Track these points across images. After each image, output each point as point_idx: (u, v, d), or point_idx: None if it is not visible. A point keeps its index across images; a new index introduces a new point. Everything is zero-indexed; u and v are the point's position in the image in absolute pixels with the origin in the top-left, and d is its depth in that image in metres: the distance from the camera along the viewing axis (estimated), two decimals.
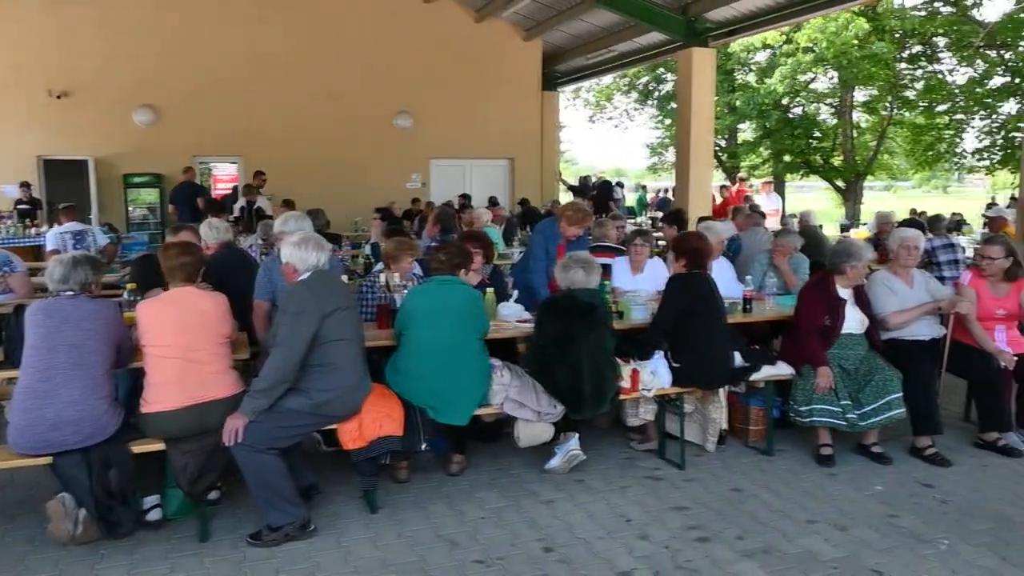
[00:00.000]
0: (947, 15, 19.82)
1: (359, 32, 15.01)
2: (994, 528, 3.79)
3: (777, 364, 4.76)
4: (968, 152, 22.10)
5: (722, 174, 24.69)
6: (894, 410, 4.49)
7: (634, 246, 5.55)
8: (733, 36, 13.04)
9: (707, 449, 4.81)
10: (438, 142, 15.99)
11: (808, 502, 4.12)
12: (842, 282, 4.75)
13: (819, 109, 23.54)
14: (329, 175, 14.51)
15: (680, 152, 13.00)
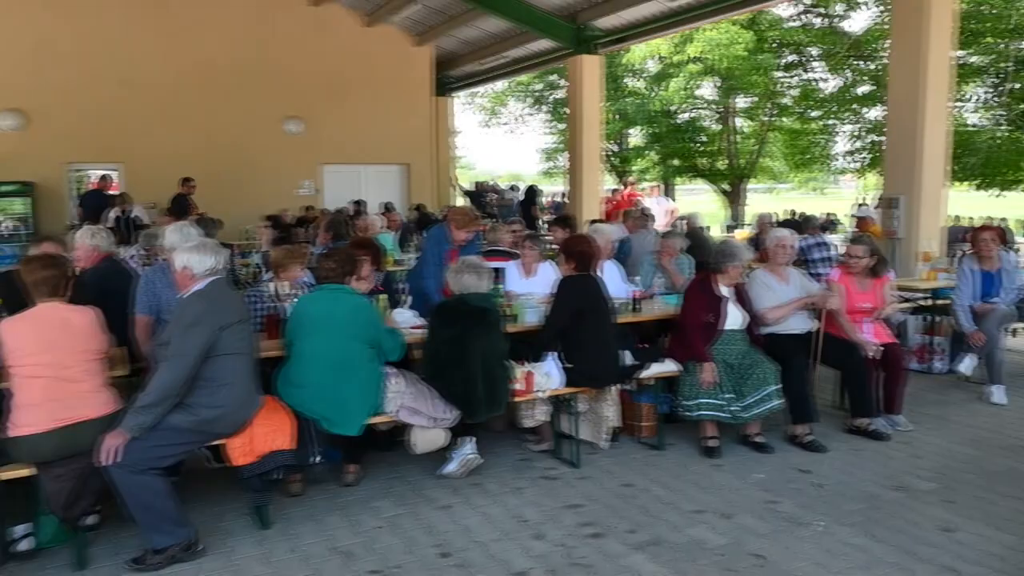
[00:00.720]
0: (818, 27, 21.03)
1: (243, 34, 14.58)
2: (864, 508, 4.04)
3: (665, 361, 4.92)
4: (840, 155, 23.52)
5: (614, 178, 25.34)
6: (773, 401, 4.73)
7: (523, 249, 5.63)
8: (620, 44, 13.43)
9: (601, 447, 4.93)
10: (330, 148, 15.72)
11: (695, 493, 4.28)
12: (723, 281, 4.96)
13: (704, 115, 24.49)
14: (217, 183, 13.98)
15: (572, 157, 13.28)
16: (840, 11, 20.58)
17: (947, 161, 8.17)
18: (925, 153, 7.59)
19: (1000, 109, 18.88)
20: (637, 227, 7.85)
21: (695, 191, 47.86)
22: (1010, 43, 17.37)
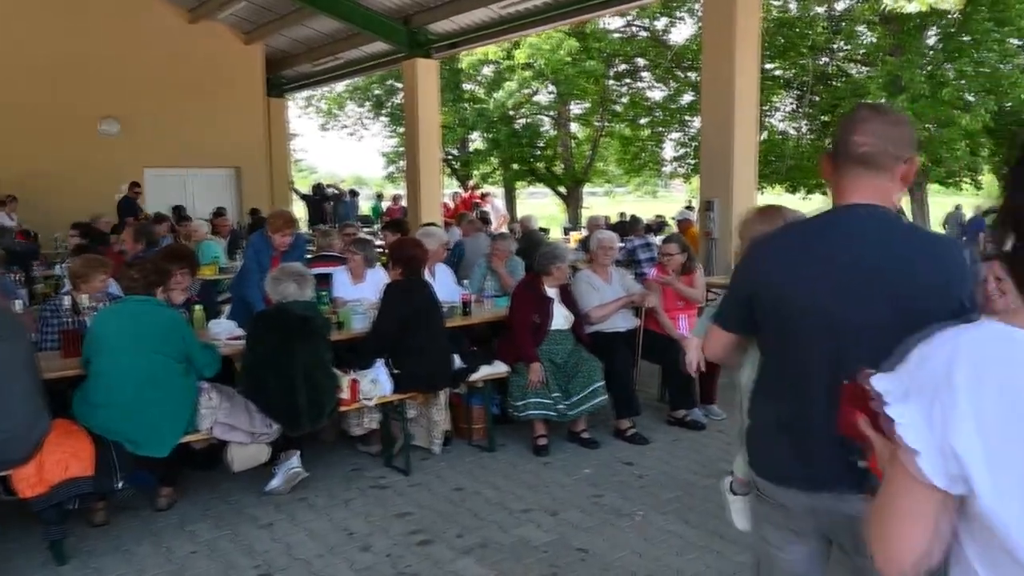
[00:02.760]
0: (643, 39, 22.12)
1: (52, 26, 13.36)
2: (680, 496, 4.25)
3: (494, 363, 4.96)
4: (668, 161, 24.86)
5: (455, 181, 25.46)
6: (598, 397, 4.89)
7: (349, 254, 5.50)
8: (455, 49, 13.47)
9: (433, 452, 4.90)
10: (153, 150, 14.71)
11: (525, 492, 4.34)
12: (549, 282, 5.07)
13: (541, 120, 25.10)
14: (24, 189, 12.74)
15: (410, 160, 13.19)
16: (663, 25, 21.75)
17: (757, 166, 8.80)
18: (736, 159, 8.13)
19: (804, 119, 20.63)
20: (471, 231, 7.90)
21: (537, 195, 48.95)
22: (811, 59, 19.00)
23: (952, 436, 0.98)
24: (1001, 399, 0.95)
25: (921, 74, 15.89)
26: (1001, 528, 0.95)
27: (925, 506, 1.03)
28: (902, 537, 1.06)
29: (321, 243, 6.67)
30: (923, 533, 1.04)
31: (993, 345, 0.99)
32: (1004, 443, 0.94)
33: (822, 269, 1.67)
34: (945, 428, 0.98)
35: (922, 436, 1.01)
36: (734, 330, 1.95)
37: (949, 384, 0.99)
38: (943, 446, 0.99)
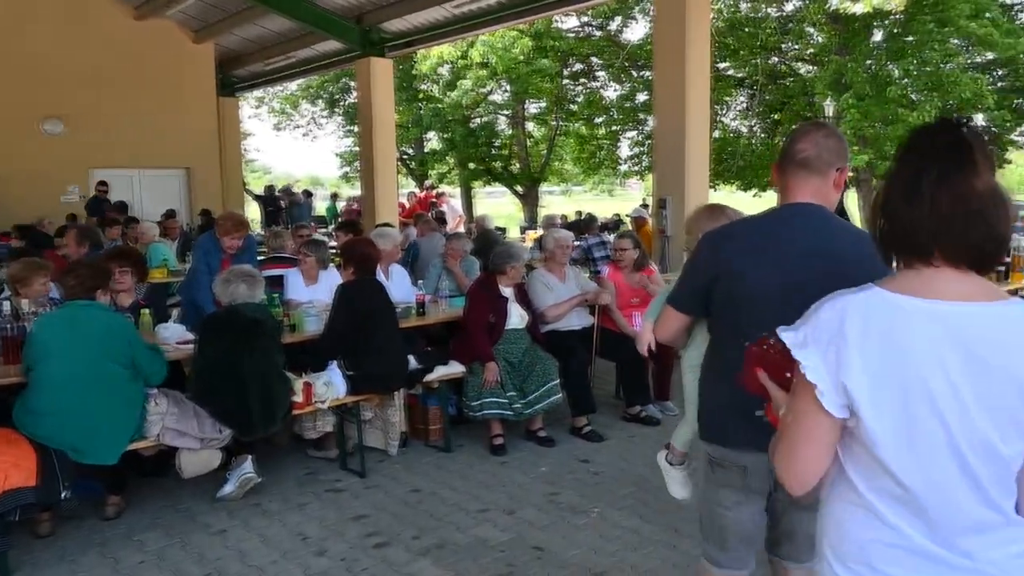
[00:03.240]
0: (597, 38, 22.26)
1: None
2: (635, 492, 4.28)
3: (450, 363, 4.95)
4: (624, 159, 25.07)
5: (412, 181, 25.34)
6: (554, 396, 4.91)
7: (302, 256, 5.44)
8: (410, 48, 13.41)
9: (389, 454, 4.87)
10: (99, 150, 14.34)
11: (482, 492, 4.33)
12: (504, 281, 5.07)
13: (497, 120, 25.11)
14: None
15: (364, 161, 13.08)
16: (617, 25, 21.91)
17: (710, 164, 8.91)
18: (689, 157, 8.22)
19: (756, 118, 20.97)
20: (426, 231, 7.87)
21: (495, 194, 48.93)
22: (761, 58, 19.31)
23: (844, 374, 1.25)
24: (881, 346, 1.24)
25: (866, 73, 16.26)
26: (875, 441, 1.26)
27: (822, 431, 1.31)
28: (806, 459, 1.33)
29: (273, 244, 6.58)
30: (821, 454, 1.33)
31: (876, 305, 1.27)
32: (882, 379, 1.24)
33: (773, 257, 1.91)
34: (839, 368, 1.26)
35: (820, 374, 1.28)
36: (688, 312, 2.18)
37: (841, 335, 1.27)
38: (836, 382, 1.26)
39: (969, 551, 1.27)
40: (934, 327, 1.23)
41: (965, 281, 1.26)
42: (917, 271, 1.29)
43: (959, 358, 1.22)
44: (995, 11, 15.79)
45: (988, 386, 1.22)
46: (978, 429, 1.23)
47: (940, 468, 1.25)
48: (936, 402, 1.23)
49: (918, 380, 1.23)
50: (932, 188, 1.25)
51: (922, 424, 1.24)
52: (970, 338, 1.22)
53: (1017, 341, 1.22)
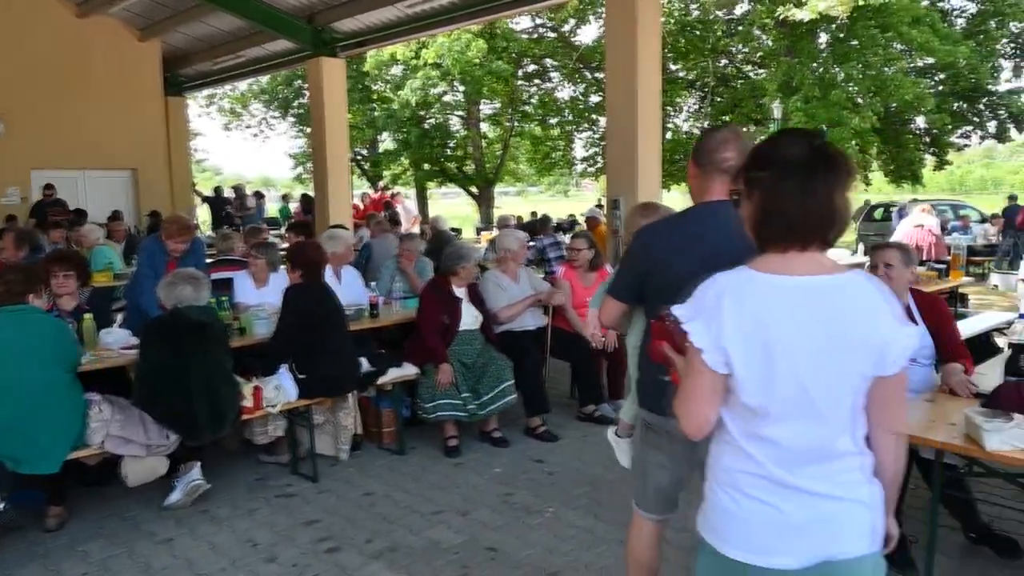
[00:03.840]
0: (551, 39, 22.37)
1: None
2: (590, 491, 4.31)
3: (403, 365, 4.91)
4: (578, 160, 25.23)
5: (366, 182, 25.16)
6: (508, 396, 4.91)
7: (251, 258, 5.35)
8: (362, 48, 13.29)
9: (341, 458, 4.81)
10: (41, 151, 13.89)
11: (436, 494, 4.31)
12: (457, 282, 5.06)
13: (450, 120, 25.06)
14: None
15: (317, 161, 12.92)
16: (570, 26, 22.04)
17: (662, 165, 9.00)
18: (641, 158, 8.29)
19: (707, 119, 21.27)
20: (379, 232, 7.80)
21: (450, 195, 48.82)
22: (711, 61, 19.62)
23: (722, 338, 1.57)
24: (749, 313, 1.56)
25: (813, 76, 16.62)
26: (744, 389, 1.59)
27: (708, 386, 1.62)
28: (698, 410, 1.65)
29: (222, 247, 6.46)
30: (709, 404, 1.64)
31: (745, 282, 1.60)
32: (749, 339, 1.56)
33: (695, 247, 2.14)
34: (719, 334, 1.57)
35: (704, 339, 1.59)
36: (625, 300, 2.46)
37: (719, 307, 1.58)
38: (716, 345, 1.58)
39: (818, 476, 1.60)
40: (788, 296, 1.57)
41: (813, 260, 1.59)
42: (777, 254, 1.61)
43: (808, 319, 1.55)
44: (934, 18, 16.28)
45: (830, 341, 1.54)
46: (826, 378, 1.56)
47: (793, 413, 1.58)
48: (792, 358, 1.55)
49: (776, 338, 1.55)
50: (788, 190, 1.58)
51: (780, 374, 1.56)
52: (815, 302, 1.56)
53: (850, 304, 1.56)
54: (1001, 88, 19.80)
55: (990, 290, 12.47)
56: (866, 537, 1.63)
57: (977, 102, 19.91)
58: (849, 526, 1.61)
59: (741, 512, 1.64)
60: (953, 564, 3.36)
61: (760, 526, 1.62)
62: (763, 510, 1.62)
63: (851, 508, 1.61)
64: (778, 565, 1.60)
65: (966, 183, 59.79)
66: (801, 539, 1.60)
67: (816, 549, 1.60)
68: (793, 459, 1.60)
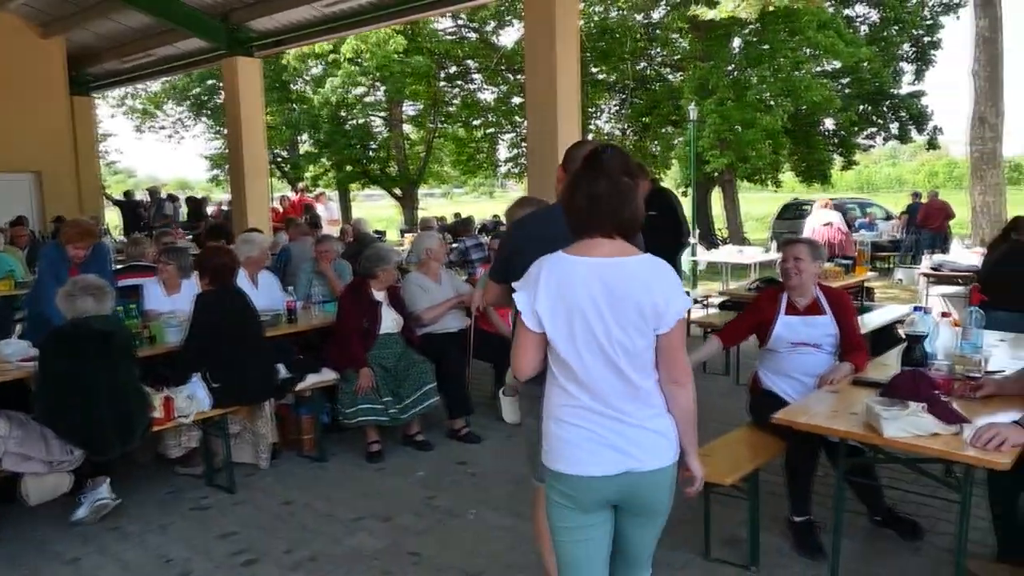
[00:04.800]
0: (472, 41, 22.38)
1: None
2: (513, 490, 4.32)
3: (322, 371, 4.83)
4: (502, 161, 25.30)
5: (286, 184, 24.64)
6: (430, 399, 4.89)
7: (161, 264, 5.16)
8: (279, 47, 13.02)
9: (260, 466, 4.71)
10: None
11: (357, 500, 4.25)
12: (376, 285, 5.00)
13: (373, 121, 24.78)
14: None
15: (233, 163, 12.59)
16: (492, 27, 22.10)
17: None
18: (562, 158, 8.37)
19: (627, 121, 21.65)
20: (297, 235, 7.65)
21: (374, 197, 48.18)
22: (630, 63, 19.97)
23: (536, 304, 2.06)
24: (557, 285, 2.04)
25: (728, 79, 17.10)
26: (556, 345, 2.07)
27: (530, 341, 2.11)
28: (523, 359, 2.13)
29: (132, 252, 6.22)
30: (531, 354, 2.12)
31: (557, 262, 2.08)
32: (556, 305, 2.04)
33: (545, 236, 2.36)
34: (535, 300, 2.06)
35: (524, 305, 2.08)
36: (498, 280, 2.77)
37: (536, 281, 2.07)
38: (532, 309, 2.06)
39: (620, 408, 2.07)
40: (585, 271, 2.04)
41: (610, 245, 2.07)
42: (583, 241, 2.08)
43: (601, 290, 2.02)
44: (839, 23, 16.96)
45: (618, 307, 2.02)
46: (615, 334, 2.02)
47: (594, 360, 2.05)
48: (587, 318, 2.03)
49: (576, 305, 2.03)
50: (589, 191, 2.06)
51: (580, 333, 2.04)
52: (607, 277, 2.02)
53: (630, 277, 2.03)
54: (902, 91, 20.77)
55: (895, 284, 13.06)
56: (660, 456, 2.10)
57: (881, 104, 20.83)
58: (646, 447, 2.08)
59: (565, 435, 2.11)
60: (859, 547, 3.50)
61: (579, 445, 2.09)
62: (580, 433, 2.09)
63: (647, 433, 2.09)
64: (591, 473, 2.08)
65: (873, 182, 62.54)
66: (609, 455, 2.07)
67: (619, 462, 2.07)
68: (601, 395, 2.07)
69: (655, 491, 2.13)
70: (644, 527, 2.20)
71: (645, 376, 2.08)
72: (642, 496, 2.12)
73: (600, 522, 2.16)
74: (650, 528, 2.21)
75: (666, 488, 2.14)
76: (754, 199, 35.01)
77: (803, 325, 3.68)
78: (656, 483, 2.11)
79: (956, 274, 8.09)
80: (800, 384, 3.64)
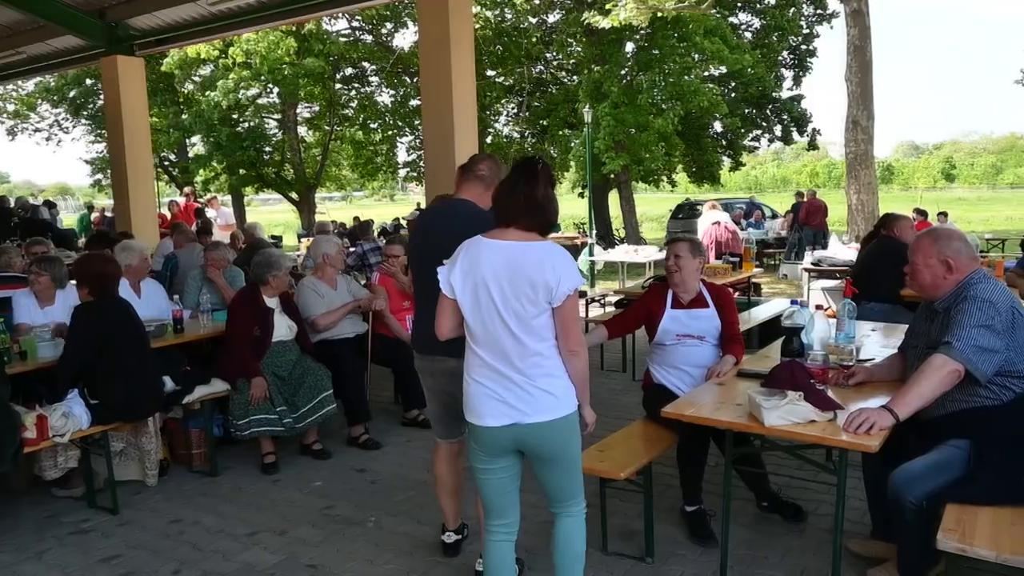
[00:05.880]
0: (368, 43, 22.09)
1: None
2: (413, 496, 4.28)
3: (212, 382, 4.66)
4: (402, 164, 25.08)
5: (176, 189, 23.67)
6: (326, 407, 4.78)
7: (33, 275, 4.84)
8: (163, 46, 12.48)
9: (148, 484, 4.49)
10: None
11: (251, 515, 4.12)
12: (268, 292, 4.86)
13: (267, 123, 24.11)
14: None
15: (115, 168, 11.97)
16: (388, 29, 21.88)
17: None
18: (459, 161, 8.33)
19: (525, 123, 21.86)
20: (184, 242, 7.35)
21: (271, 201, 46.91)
22: (527, 67, 20.17)
23: (452, 276, 2.51)
24: (468, 262, 2.49)
25: (622, 83, 17.52)
26: (465, 312, 2.50)
27: (446, 306, 2.58)
28: (442, 321, 2.61)
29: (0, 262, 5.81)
30: (448, 318, 2.60)
31: (474, 243, 2.52)
32: (466, 278, 2.48)
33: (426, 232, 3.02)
34: (451, 273, 2.51)
35: (444, 278, 2.54)
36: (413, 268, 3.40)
37: (455, 257, 2.53)
38: (449, 280, 2.52)
39: (513, 367, 2.45)
40: (494, 251, 2.46)
41: (518, 234, 2.48)
42: (499, 228, 2.52)
43: (503, 267, 2.43)
44: (725, 30, 17.65)
45: (515, 280, 2.41)
46: (511, 303, 2.42)
47: (494, 327, 2.45)
48: (489, 289, 2.44)
49: (482, 278, 2.45)
50: (527, 191, 2.49)
51: (484, 303, 2.46)
52: (510, 256, 2.44)
53: (528, 258, 2.42)
54: (784, 95, 21.82)
55: (780, 280, 13.70)
56: (545, 411, 2.45)
57: (764, 108, 21.83)
58: (531, 402, 2.44)
59: (472, 390, 2.53)
60: (748, 532, 3.64)
61: (478, 398, 2.51)
62: (483, 389, 2.49)
63: (535, 390, 2.44)
64: (487, 424, 2.49)
65: (760, 182, 65.46)
66: (499, 408, 2.46)
67: (508, 416, 2.46)
68: (498, 355, 2.46)
69: (543, 441, 2.48)
70: (549, 470, 2.56)
71: (536, 340, 2.43)
72: (532, 445, 2.50)
73: (506, 465, 2.58)
74: (555, 471, 2.56)
75: (556, 439, 2.49)
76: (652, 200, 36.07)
77: (688, 318, 3.80)
78: (542, 434, 2.47)
79: (835, 269, 8.56)
80: (688, 376, 3.76)
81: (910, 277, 3.11)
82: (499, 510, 2.65)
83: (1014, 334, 2.80)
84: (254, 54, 18.06)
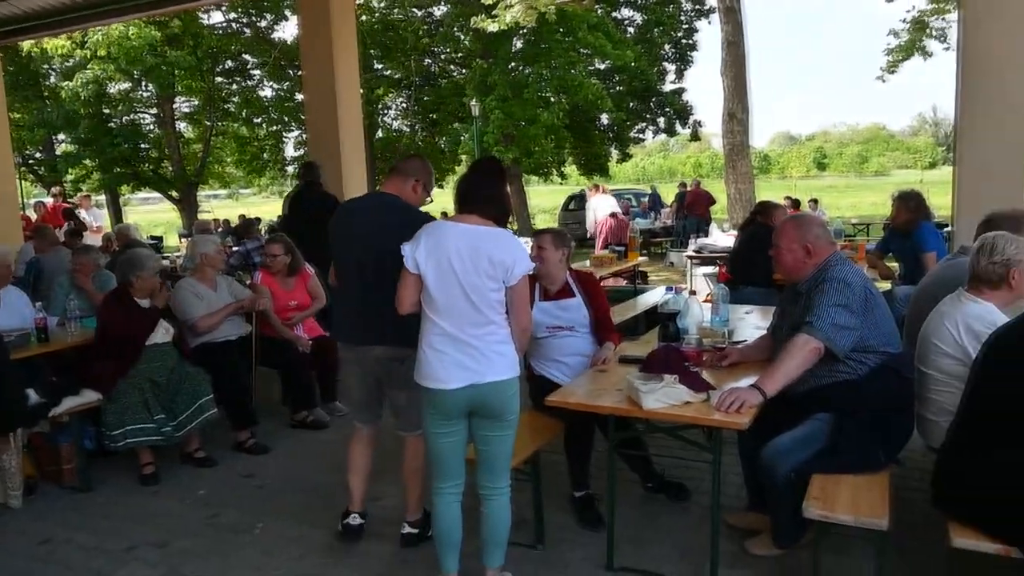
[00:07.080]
0: (247, 36, 21.36)
1: None
2: (302, 499, 4.19)
3: (81, 392, 4.40)
4: (290, 160, 24.42)
5: (44, 189, 22.23)
6: (206, 412, 4.59)
7: None
8: (19, 36, 11.70)
9: (11, 505, 4.19)
10: None
11: (129, 528, 3.92)
12: (138, 294, 4.64)
13: (142, 118, 22.95)
14: None
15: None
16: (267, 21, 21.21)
17: (374, 163, 8.99)
18: (345, 157, 8.20)
19: (415, 117, 21.70)
20: (48, 247, 6.91)
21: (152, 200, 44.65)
22: (415, 60, 20.02)
23: (416, 254, 2.77)
24: (433, 240, 2.77)
25: (509, 77, 17.65)
26: (428, 284, 2.77)
27: (410, 281, 2.82)
28: (404, 295, 2.85)
29: None
30: (410, 292, 2.84)
31: (437, 225, 2.86)
32: (430, 254, 2.76)
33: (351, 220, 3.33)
34: (415, 251, 2.78)
35: (408, 255, 2.78)
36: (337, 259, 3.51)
37: (419, 236, 2.81)
38: (414, 256, 2.77)
39: (470, 334, 2.74)
40: (455, 233, 2.76)
41: (479, 220, 2.80)
42: (459, 214, 2.84)
43: (466, 245, 2.73)
44: (608, 25, 18.06)
45: (476, 257, 2.71)
46: (471, 277, 2.71)
47: (455, 298, 2.73)
48: (452, 263, 2.72)
49: (446, 254, 2.73)
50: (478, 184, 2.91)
51: (446, 276, 2.73)
52: (472, 237, 2.74)
53: (485, 240, 2.73)
54: (667, 89, 22.53)
55: (667, 267, 14.17)
56: (498, 371, 2.75)
57: (648, 101, 22.48)
58: (486, 363, 2.74)
59: (428, 356, 2.80)
60: (635, 514, 3.75)
61: (437, 364, 2.77)
62: (439, 355, 2.76)
63: (490, 353, 2.75)
64: (448, 387, 2.75)
65: (648, 173, 67.42)
66: (458, 371, 2.74)
67: (466, 377, 2.73)
68: (458, 325, 2.74)
69: (496, 397, 2.77)
70: (493, 431, 2.83)
71: (492, 312, 2.75)
72: (487, 402, 2.77)
73: (459, 428, 2.86)
74: (498, 433, 2.84)
75: (506, 396, 2.79)
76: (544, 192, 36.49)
77: (557, 309, 3.87)
78: (496, 391, 2.76)
79: (715, 255, 8.92)
80: (566, 367, 3.83)
81: (775, 261, 3.29)
82: (450, 471, 2.91)
83: (868, 312, 3.00)
84: (113, 45, 17.10)
